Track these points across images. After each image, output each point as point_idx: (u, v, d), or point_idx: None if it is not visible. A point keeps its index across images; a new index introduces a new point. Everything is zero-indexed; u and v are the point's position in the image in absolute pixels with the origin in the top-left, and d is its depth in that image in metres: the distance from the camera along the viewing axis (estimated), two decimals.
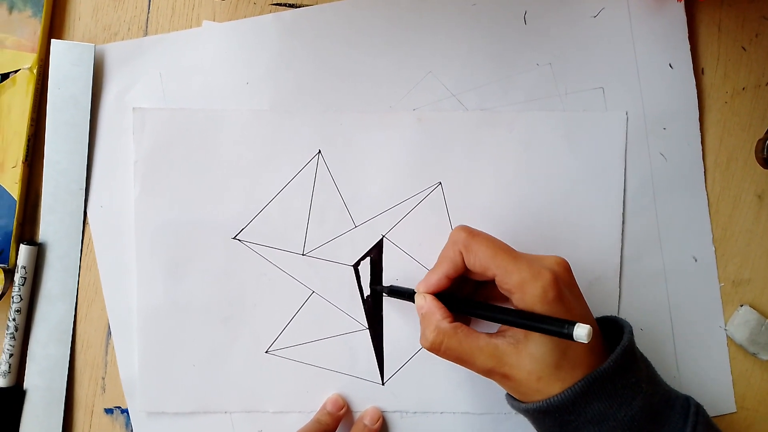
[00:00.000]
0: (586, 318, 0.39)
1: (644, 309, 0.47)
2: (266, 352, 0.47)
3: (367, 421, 0.46)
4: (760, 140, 0.45)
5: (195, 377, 0.47)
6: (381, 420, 0.46)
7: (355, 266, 0.47)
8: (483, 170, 0.46)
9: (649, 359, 0.41)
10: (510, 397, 0.41)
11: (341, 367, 0.47)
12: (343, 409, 0.46)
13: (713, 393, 0.47)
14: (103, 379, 0.47)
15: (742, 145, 0.47)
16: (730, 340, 0.47)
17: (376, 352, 0.47)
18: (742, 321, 0.46)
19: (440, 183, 0.47)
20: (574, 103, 0.47)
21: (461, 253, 0.40)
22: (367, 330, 0.47)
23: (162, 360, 0.47)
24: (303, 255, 0.47)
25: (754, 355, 0.47)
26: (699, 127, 0.47)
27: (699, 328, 0.47)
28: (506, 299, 0.40)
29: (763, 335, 0.46)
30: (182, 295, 0.47)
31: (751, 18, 0.47)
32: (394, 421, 0.47)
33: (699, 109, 0.47)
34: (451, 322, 0.40)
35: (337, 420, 0.46)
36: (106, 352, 0.47)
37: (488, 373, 0.39)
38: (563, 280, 0.38)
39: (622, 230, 0.47)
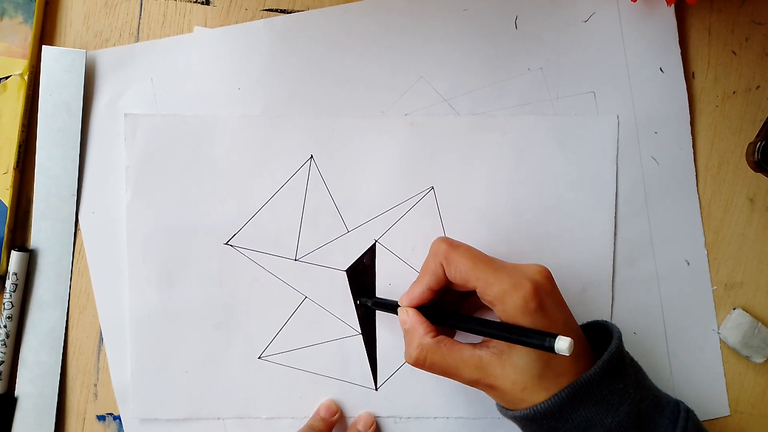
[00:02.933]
0: (570, 326, 0.39)
1: (637, 313, 0.47)
2: (259, 357, 0.47)
3: (360, 427, 0.46)
4: (750, 144, 0.45)
5: (188, 383, 0.47)
6: (374, 425, 0.46)
7: (348, 271, 0.47)
8: (475, 174, 0.46)
9: (642, 363, 0.41)
10: (500, 405, 0.41)
11: (334, 372, 0.47)
12: (336, 415, 0.46)
13: (707, 396, 0.47)
14: (96, 385, 0.47)
15: (733, 148, 0.47)
16: (723, 344, 0.47)
17: (369, 358, 0.47)
18: (735, 324, 0.46)
19: (432, 187, 0.47)
20: (566, 108, 0.47)
21: (442, 265, 0.40)
22: (360, 335, 0.47)
23: (154, 366, 0.46)
24: (295, 260, 0.47)
25: (747, 358, 0.47)
26: (690, 131, 0.47)
27: (692, 331, 0.47)
28: (490, 309, 0.40)
29: (756, 338, 0.46)
30: (174, 301, 0.46)
31: (741, 22, 0.47)
32: (388, 427, 0.47)
33: (690, 112, 0.47)
34: (435, 336, 0.40)
35: (331, 426, 0.46)
36: (98, 359, 0.47)
37: (474, 383, 0.39)
38: (544, 289, 0.38)
39: (615, 234, 0.47)
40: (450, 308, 0.44)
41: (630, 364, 0.40)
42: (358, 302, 0.47)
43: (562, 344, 0.34)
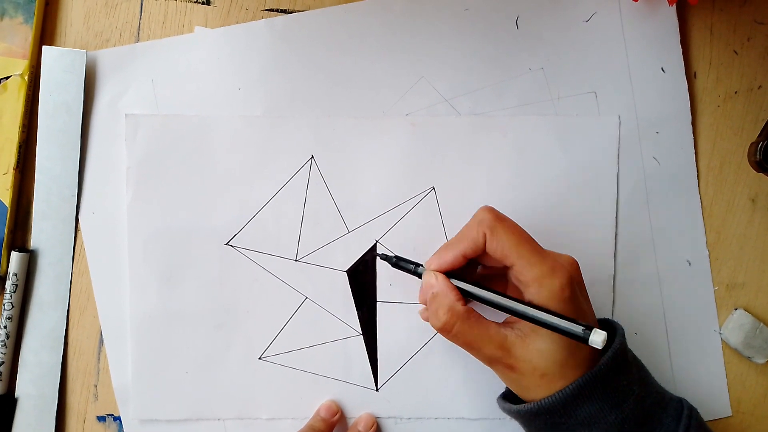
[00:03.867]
0: (591, 319, 0.39)
1: (638, 313, 0.47)
2: (259, 358, 0.47)
3: (361, 428, 0.46)
4: (752, 144, 0.45)
5: (188, 384, 0.46)
6: (375, 426, 0.46)
7: (349, 272, 0.47)
8: (476, 174, 0.46)
9: (644, 363, 0.41)
10: (501, 400, 0.41)
11: (335, 373, 0.47)
12: (337, 416, 0.46)
13: (708, 397, 0.47)
14: (96, 386, 0.47)
15: (735, 148, 0.47)
16: (725, 344, 0.47)
17: (370, 358, 0.47)
18: (737, 325, 0.46)
19: (433, 188, 0.46)
20: (567, 108, 0.47)
21: (485, 235, 0.39)
22: (361, 336, 0.47)
23: (155, 367, 0.46)
24: (296, 261, 0.47)
25: (748, 358, 0.47)
26: (692, 131, 0.47)
27: (693, 332, 0.47)
28: (514, 291, 0.40)
29: (758, 339, 0.46)
30: (175, 302, 0.46)
31: (743, 22, 0.47)
32: (389, 428, 0.47)
33: (692, 113, 0.47)
34: (464, 305, 0.39)
35: (331, 426, 0.46)
36: (99, 360, 0.47)
37: (493, 362, 0.39)
38: (576, 280, 0.38)
39: (616, 234, 0.47)
40: None
41: (633, 361, 0.40)
42: (379, 256, 0.45)
43: (597, 337, 0.34)
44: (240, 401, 0.47)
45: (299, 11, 0.47)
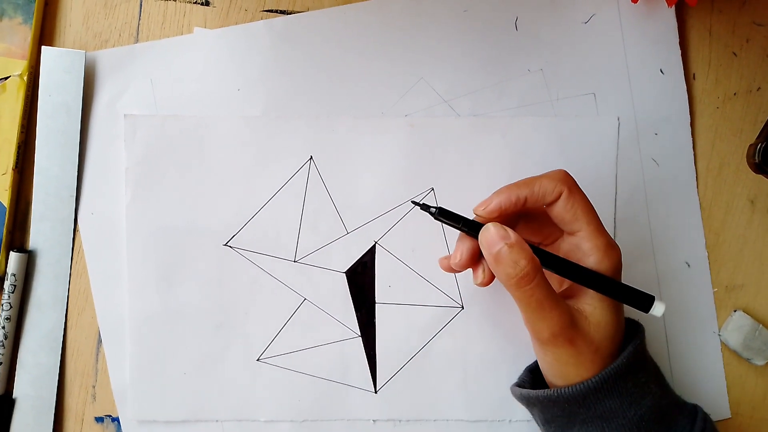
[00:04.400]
0: None
1: (637, 315, 0.47)
2: (258, 360, 0.46)
3: None
4: (751, 145, 0.45)
5: (186, 385, 0.46)
6: None
7: (348, 273, 0.47)
8: (475, 176, 0.46)
9: None
10: (516, 388, 0.41)
11: (333, 375, 0.47)
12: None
13: (708, 399, 0.47)
14: (94, 387, 0.47)
15: (734, 150, 0.47)
16: (724, 346, 0.47)
17: (368, 360, 0.47)
18: (736, 326, 0.46)
19: (432, 189, 0.46)
20: (566, 109, 0.47)
21: (560, 193, 0.38)
22: (360, 337, 0.47)
23: (153, 368, 0.46)
24: (295, 262, 0.46)
25: (748, 360, 0.47)
26: (691, 133, 0.47)
27: (693, 333, 0.47)
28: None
29: (757, 340, 0.46)
30: (173, 303, 0.46)
31: (741, 23, 0.47)
32: (387, 430, 0.47)
33: (690, 114, 0.47)
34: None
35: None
36: (97, 360, 0.47)
37: (554, 336, 0.37)
38: None
39: (614, 236, 0.46)
40: None
41: (651, 361, 0.40)
42: (419, 206, 0.40)
43: (659, 308, 0.38)
44: (238, 403, 0.46)
45: (298, 12, 0.47)
